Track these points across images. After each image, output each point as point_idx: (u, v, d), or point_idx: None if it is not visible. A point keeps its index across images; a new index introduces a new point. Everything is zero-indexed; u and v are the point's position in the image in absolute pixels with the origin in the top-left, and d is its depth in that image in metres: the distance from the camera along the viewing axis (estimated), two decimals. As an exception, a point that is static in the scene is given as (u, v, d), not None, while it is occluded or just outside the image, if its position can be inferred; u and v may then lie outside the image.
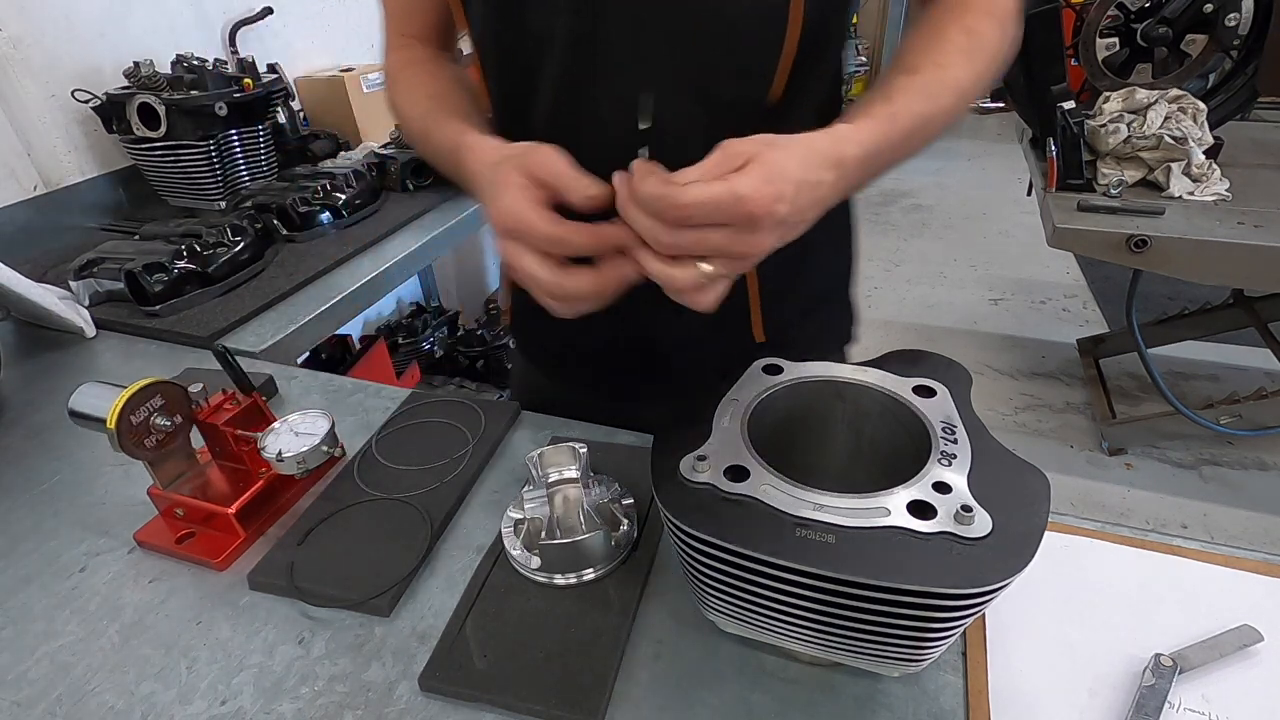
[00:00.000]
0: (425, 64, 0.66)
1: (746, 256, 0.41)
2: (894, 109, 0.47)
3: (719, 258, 0.41)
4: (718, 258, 0.41)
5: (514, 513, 0.55)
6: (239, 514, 0.56)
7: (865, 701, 0.43)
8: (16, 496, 0.63)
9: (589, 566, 0.51)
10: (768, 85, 0.54)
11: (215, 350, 0.57)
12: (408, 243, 1.11)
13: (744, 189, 0.39)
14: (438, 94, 0.62)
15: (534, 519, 0.52)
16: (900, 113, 0.47)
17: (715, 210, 0.39)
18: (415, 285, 2.16)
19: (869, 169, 0.47)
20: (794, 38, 0.52)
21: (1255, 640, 0.44)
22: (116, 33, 1.25)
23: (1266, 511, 1.85)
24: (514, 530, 0.53)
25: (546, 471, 0.56)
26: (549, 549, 0.50)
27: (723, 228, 0.40)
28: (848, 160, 0.44)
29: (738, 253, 0.41)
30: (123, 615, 0.51)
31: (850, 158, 0.44)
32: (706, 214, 0.39)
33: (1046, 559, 0.37)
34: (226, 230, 0.98)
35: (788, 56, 0.53)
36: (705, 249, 0.40)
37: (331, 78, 1.53)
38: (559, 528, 0.52)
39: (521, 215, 0.43)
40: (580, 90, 0.55)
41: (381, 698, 0.45)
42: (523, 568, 0.51)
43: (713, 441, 0.43)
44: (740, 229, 0.40)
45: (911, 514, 0.37)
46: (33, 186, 1.16)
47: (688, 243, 0.40)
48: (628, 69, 0.53)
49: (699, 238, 0.40)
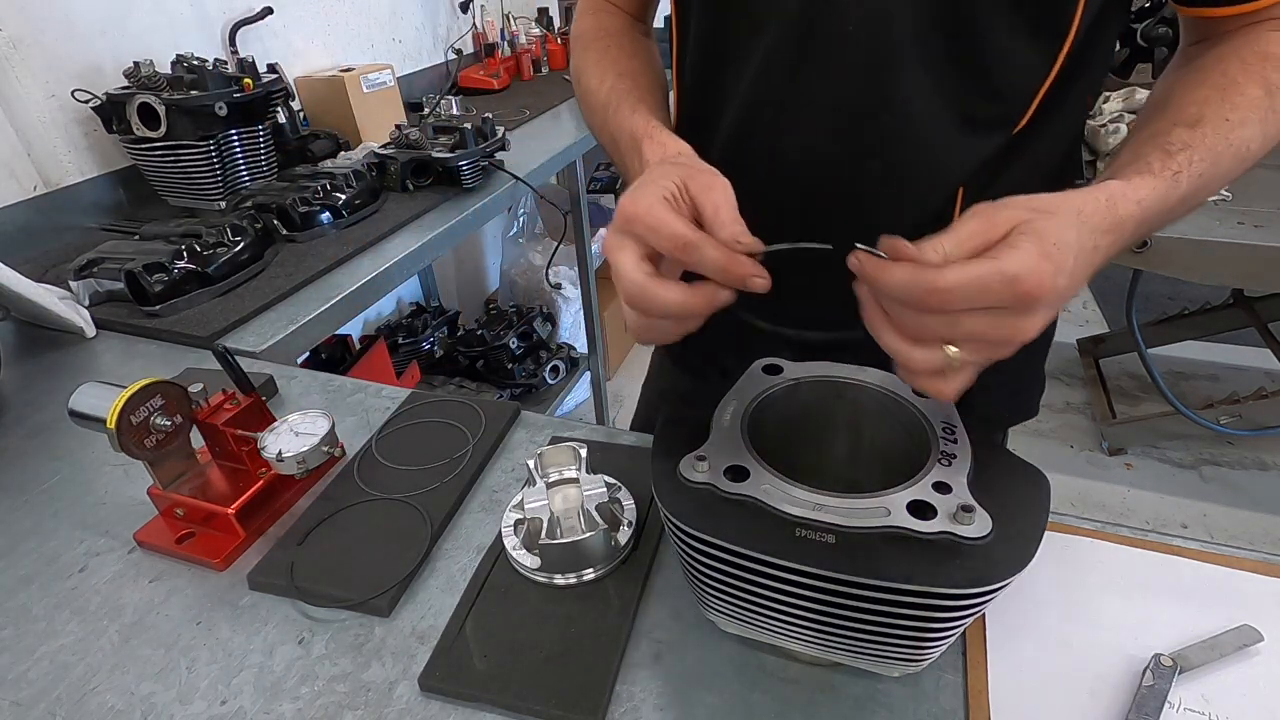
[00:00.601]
0: (620, 36, 0.64)
1: (1009, 342, 0.35)
2: (1177, 167, 0.41)
3: (974, 343, 0.35)
4: (972, 343, 0.35)
5: (514, 513, 0.55)
6: (239, 514, 0.56)
7: (865, 701, 0.43)
8: (16, 496, 0.63)
9: (589, 566, 0.51)
10: (1025, 105, 0.51)
11: (215, 350, 0.57)
12: (408, 243, 1.11)
13: (1017, 267, 0.33)
14: (629, 73, 0.60)
15: (534, 519, 0.52)
16: (1184, 173, 0.41)
17: (981, 294, 0.33)
18: (415, 285, 2.16)
19: (1140, 232, 0.41)
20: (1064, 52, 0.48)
21: (1255, 640, 0.44)
22: (116, 33, 1.25)
23: (1266, 511, 1.85)
24: (514, 530, 0.53)
25: (546, 471, 0.56)
26: (549, 549, 0.50)
27: (986, 311, 0.34)
28: (1125, 223, 0.39)
29: (999, 338, 0.35)
30: (123, 615, 0.51)
31: (1128, 219, 0.39)
32: (969, 299, 0.33)
33: (1046, 559, 0.37)
34: (226, 230, 0.98)
35: (1052, 73, 0.49)
36: (959, 335, 0.35)
37: (331, 78, 1.52)
38: (559, 527, 0.52)
39: (653, 207, 0.39)
40: (786, 86, 0.53)
41: (381, 698, 0.45)
42: (523, 568, 0.51)
43: (713, 441, 0.43)
44: (1007, 312, 0.34)
45: (911, 514, 0.37)
46: (33, 186, 1.16)
47: (938, 327, 0.35)
48: (851, 71, 0.50)
49: (953, 322, 0.34)
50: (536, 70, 2.32)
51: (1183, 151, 0.42)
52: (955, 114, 0.52)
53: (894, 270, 0.35)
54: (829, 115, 0.53)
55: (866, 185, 0.55)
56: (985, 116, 0.52)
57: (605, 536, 0.51)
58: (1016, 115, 0.52)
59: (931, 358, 0.35)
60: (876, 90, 0.51)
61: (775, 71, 0.53)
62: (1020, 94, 0.51)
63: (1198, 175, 0.42)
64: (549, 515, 0.53)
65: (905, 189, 0.55)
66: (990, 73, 0.50)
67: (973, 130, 0.52)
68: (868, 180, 0.55)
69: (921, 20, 0.48)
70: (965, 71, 0.50)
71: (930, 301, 0.34)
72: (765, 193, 0.58)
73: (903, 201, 0.55)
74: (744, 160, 0.58)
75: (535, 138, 1.67)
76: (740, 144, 0.58)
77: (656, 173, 0.43)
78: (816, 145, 0.54)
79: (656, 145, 0.49)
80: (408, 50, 1.98)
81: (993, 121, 0.52)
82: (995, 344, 0.35)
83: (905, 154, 0.53)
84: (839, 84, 0.52)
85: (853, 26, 0.49)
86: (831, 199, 0.56)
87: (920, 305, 0.34)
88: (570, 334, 2.28)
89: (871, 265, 0.36)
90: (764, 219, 0.50)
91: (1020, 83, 0.51)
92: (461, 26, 2.18)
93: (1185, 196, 0.42)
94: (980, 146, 0.53)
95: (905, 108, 0.51)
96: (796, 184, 0.57)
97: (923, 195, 0.55)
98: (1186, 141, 0.43)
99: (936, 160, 0.54)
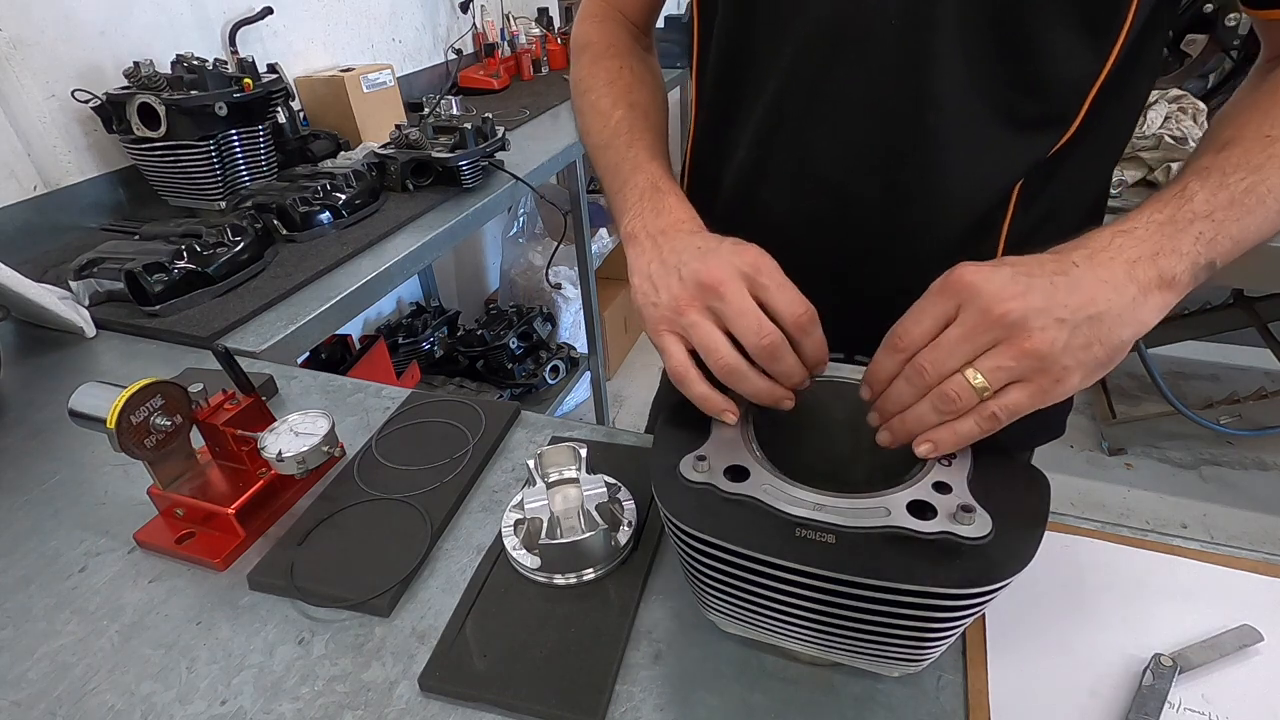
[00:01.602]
0: (630, 58, 0.63)
1: (1033, 369, 0.37)
2: (1180, 187, 0.41)
3: (1000, 380, 0.37)
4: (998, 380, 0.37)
5: (514, 513, 0.55)
6: (239, 514, 0.56)
7: (865, 701, 0.43)
8: (16, 496, 0.63)
9: (589, 566, 0.51)
10: (1076, 106, 0.49)
11: (215, 350, 0.57)
12: (408, 243, 1.11)
13: (961, 278, 0.37)
14: (641, 105, 0.60)
15: (534, 519, 0.52)
16: (1192, 187, 0.41)
17: (951, 327, 0.38)
18: (415, 285, 2.16)
19: (1174, 244, 0.39)
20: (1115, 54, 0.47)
21: (1255, 640, 0.44)
22: (116, 33, 1.25)
23: (1266, 511, 1.85)
24: (514, 530, 0.53)
25: (547, 471, 0.56)
26: (549, 549, 0.50)
27: (989, 353, 0.37)
28: (1115, 246, 0.39)
29: (1018, 369, 0.37)
30: (123, 615, 0.51)
31: (1116, 241, 0.39)
32: (950, 342, 0.38)
33: (1046, 559, 0.37)
34: (226, 230, 0.98)
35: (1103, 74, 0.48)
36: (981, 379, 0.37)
37: (331, 78, 1.53)
38: (559, 528, 0.52)
39: (743, 293, 0.42)
40: (817, 85, 0.51)
41: (381, 698, 0.45)
42: (523, 568, 0.51)
43: (713, 441, 0.43)
44: (1003, 342, 0.37)
45: (911, 514, 0.37)
46: (33, 186, 1.16)
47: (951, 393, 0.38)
48: (888, 66, 0.49)
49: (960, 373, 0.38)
50: (536, 70, 2.32)
51: (1196, 175, 0.42)
52: (1000, 112, 0.49)
53: (880, 360, 0.40)
54: (862, 114, 0.51)
55: (904, 189, 0.53)
56: (1032, 115, 0.49)
57: (605, 536, 0.51)
58: (1068, 115, 0.49)
59: (959, 399, 0.37)
60: (916, 86, 0.49)
61: (805, 69, 0.51)
62: (1070, 92, 0.49)
63: (1219, 186, 0.41)
64: (549, 515, 0.53)
65: (946, 195, 0.53)
66: (1037, 67, 0.47)
67: (1019, 130, 0.50)
68: (906, 184, 0.53)
69: (966, 6, 0.46)
70: (1010, 66, 0.48)
71: (897, 344, 0.39)
72: (795, 199, 0.57)
73: (943, 209, 0.53)
74: (771, 163, 0.57)
75: (535, 138, 1.68)
76: (767, 147, 0.57)
77: (726, 242, 0.45)
78: (850, 146, 0.52)
79: (674, 210, 0.50)
80: (408, 50, 1.98)
81: (1040, 121, 0.50)
82: (1021, 374, 0.37)
83: (946, 156, 0.51)
84: (875, 80, 0.49)
85: (894, 19, 0.47)
86: (866, 205, 0.54)
87: (897, 349, 0.40)
88: (570, 334, 2.28)
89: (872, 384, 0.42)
90: (792, 229, 0.49)
91: (1070, 79, 0.48)
92: (461, 26, 2.19)
93: (1220, 204, 0.40)
94: (1029, 149, 0.51)
95: (946, 105, 0.49)
96: (828, 189, 0.55)
97: (966, 202, 0.53)
98: (1206, 166, 0.42)
99: (980, 163, 0.51)
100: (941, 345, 0.38)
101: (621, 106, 0.59)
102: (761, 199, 0.58)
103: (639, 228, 0.49)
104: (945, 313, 0.38)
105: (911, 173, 0.52)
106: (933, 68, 0.48)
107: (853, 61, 0.50)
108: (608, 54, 0.63)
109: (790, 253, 0.44)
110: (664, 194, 0.51)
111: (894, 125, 0.51)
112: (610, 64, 0.62)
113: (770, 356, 0.42)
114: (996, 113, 0.49)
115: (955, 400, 0.37)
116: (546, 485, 0.55)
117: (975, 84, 0.48)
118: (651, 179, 0.52)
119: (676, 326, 0.43)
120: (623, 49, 0.64)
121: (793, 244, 0.48)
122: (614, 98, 0.59)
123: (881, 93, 0.50)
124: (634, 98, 0.60)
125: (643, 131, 0.57)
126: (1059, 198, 0.55)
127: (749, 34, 0.54)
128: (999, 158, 0.51)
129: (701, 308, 0.43)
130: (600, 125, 0.59)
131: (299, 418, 0.58)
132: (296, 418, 0.58)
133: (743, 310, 0.41)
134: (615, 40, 0.65)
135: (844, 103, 0.51)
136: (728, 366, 0.42)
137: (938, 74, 0.48)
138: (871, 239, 0.56)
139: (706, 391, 0.43)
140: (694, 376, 0.43)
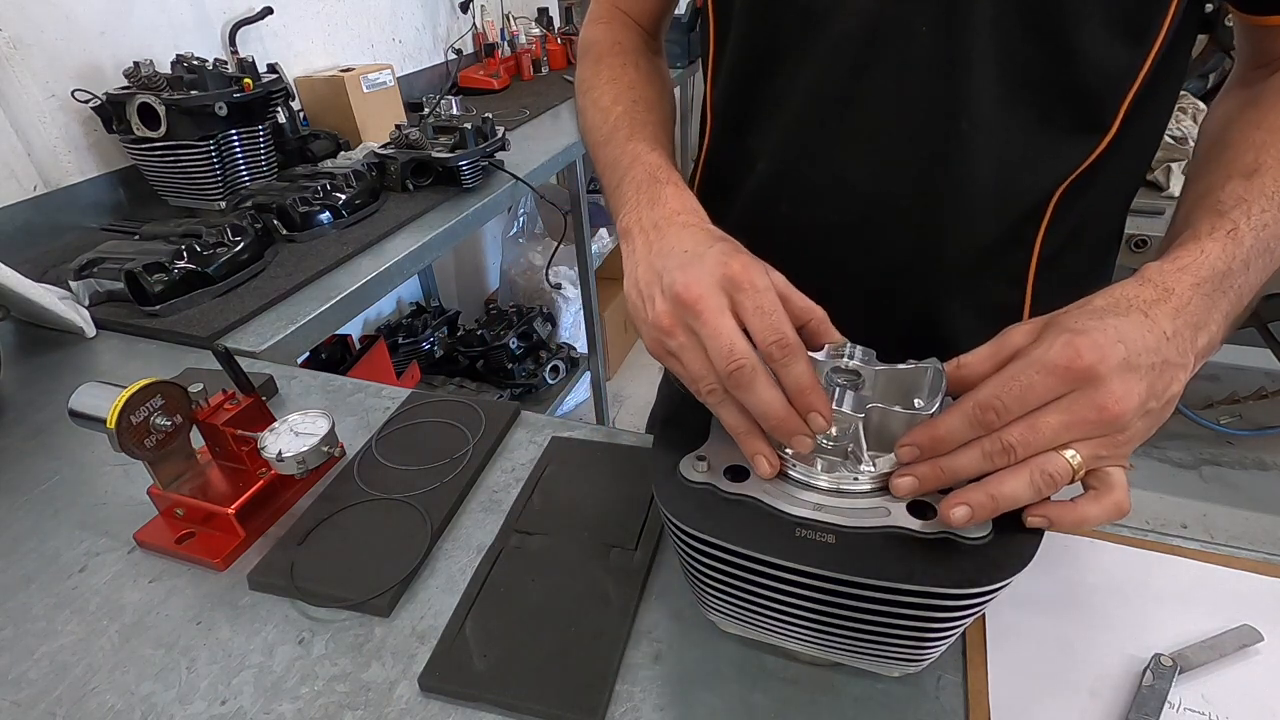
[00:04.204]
0: (635, 55, 0.62)
1: (1104, 423, 0.35)
2: (1231, 224, 0.40)
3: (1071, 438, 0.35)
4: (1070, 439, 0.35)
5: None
6: (239, 514, 0.56)
7: (865, 701, 0.43)
8: (16, 496, 0.63)
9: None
10: (1114, 110, 0.48)
11: (215, 350, 0.57)
12: (408, 243, 1.11)
13: (1049, 343, 0.35)
14: (643, 99, 0.58)
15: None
16: (1242, 228, 0.40)
17: (1029, 380, 0.35)
18: (415, 285, 2.16)
19: (1227, 291, 0.39)
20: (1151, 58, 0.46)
21: (1255, 640, 0.44)
22: (116, 33, 1.25)
23: (1266, 511, 1.85)
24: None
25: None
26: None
27: (1055, 405, 0.35)
28: (1180, 289, 0.38)
29: (1089, 421, 0.35)
30: (123, 615, 0.51)
31: (1180, 284, 0.38)
32: (1021, 392, 0.35)
33: (1046, 559, 0.37)
34: (226, 230, 0.98)
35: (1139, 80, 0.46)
36: (1045, 439, 0.35)
37: (331, 78, 1.53)
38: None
39: (769, 288, 0.38)
40: (849, 89, 0.50)
41: (381, 698, 0.45)
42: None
43: (713, 441, 0.43)
44: (1076, 394, 0.35)
45: (911, 514, 0.37)
46: (33, 186, 1.16)
47: (1016, 441, 0.35)
48: (922, 69, 0.47)
49: (1031, 428, 0.35)
50: (536, 70, 2.32)
51: (1237, 207, 0.40)
52: (1036, 116, 0.48)
53: (953, 427, 0.36)
54: (896, 119, 0.49)
55: (939, 197, 0.51)
56: (1069, 120, 0.48)
57: None
58: (1104, 122, 0.49)
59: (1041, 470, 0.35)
60: (951, 90, 0.47)
61: (835, 74, 0.50)
62: (1108, 96, 0.48)
63: (1262, 226, 0.40)
64: None
65: (982, 202, 0.51)
66: (1075, 70, 0.46)
67: (1056, 135, 0.49)
68: (940, 192, 0.51)
69: (1002, 6, 0.45)
70: (1048, 69, 0.46)
71: (985, 416, 0.35)
72: (822, 210, 0.55)
73: (979, 216, 0.52)
74: (797, 173, 0.55)
75: (535, 138, 1.68)
76: (793, 156, 0.55)
77: (731, 245, 0.42)
78: (882, 153, 0.51)
79: (682, 209, 0.46)
80: (408, 50, 1.98)
81: (1078, 126, 0.49)
82: (1093, 429, 0.35)
83: (981, 161, 0.49)
84: (909, 84, 0.48)
85: (925, 26, 0.46)
86: (898, 213, 0.53)
87: (981, 422, 0.35)
88: (570, 334, 2.28)
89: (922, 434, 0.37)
90: (817, 242, 0.47)
91: (1107, 84, 0.47)
92: (461, 26, 2.19)
93: (1257, 251, 0.40)
94: (1066, 154, 0.50)
95: (981, 109, 0.47)
96: (858, 199, 0.53)
97: (1002, 209, 0.52)
98: (1241, 195, 0.41)
99: (1016, 168, 0.50)
100: (1041, 431, 0.35)
101: (623, 102, 0.57)
102: (783, 210, 0.56)
103: (633, 221, 0.47)
104: (1053, 393, 0.35)
105: (946, 181, 0.51)
106: (969, 72, 0.46)
107: (888, 64, 0.48)
108: (612, 52, 0.62)
109: (814, 266, 0.43)
110: (661, 184, 0.48)
111: (929, 132, 0.49)
112: (614, 61, 0.61)
113: (735, 385, 0.37)
114: (1034, 117, 0.48)
115: (1055, 481, 0.35)
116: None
117: (1011, 89, 0.47)
118: (649, 170, 0.50)
119: (666, 350, 0.41)
120: (628, 48, 0.63)
121: (817, 258, 0.47)
122: (615, 94, 0.58)
123: (916, 98, 0.48)
124: (637, 93, 0.58)
125: (643, 125, 0.55)
126: (1088, 214, 0.54)
127: (772, 37, 0.52)
128: (1035, 165, 0.50)
129: (685, 328, 0.39)
130: (600, 121, 0.57)
131: (299, 418, 0.58)
132: (296, 418, 0.58)
133: (715, 332, 0.37)
134: (620, 40, 0.64)
135: (878, 108, 0.50)
136: (714, 397, 0.39)
137: (974, 78, 0.47)
138: (900, 252, 0.54)
139: (763, 448, 0.40)
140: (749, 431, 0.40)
